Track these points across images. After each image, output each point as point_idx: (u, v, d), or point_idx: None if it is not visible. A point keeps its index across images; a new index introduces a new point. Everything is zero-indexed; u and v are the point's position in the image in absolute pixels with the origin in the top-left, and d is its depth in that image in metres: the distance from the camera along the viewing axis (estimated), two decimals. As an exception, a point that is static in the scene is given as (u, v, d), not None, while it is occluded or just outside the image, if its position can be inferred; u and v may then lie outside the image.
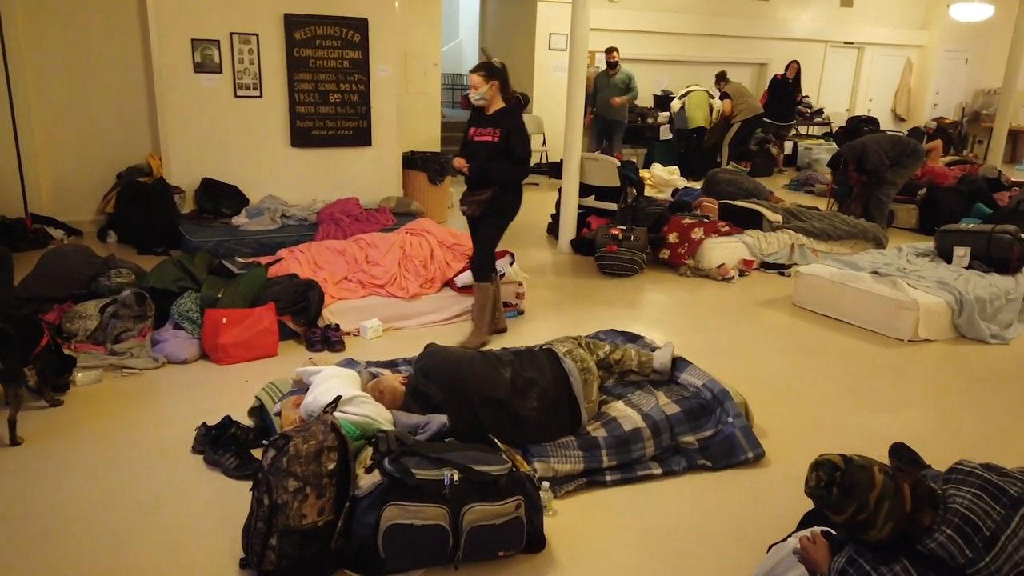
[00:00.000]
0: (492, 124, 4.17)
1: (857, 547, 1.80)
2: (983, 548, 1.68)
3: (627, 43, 11.42)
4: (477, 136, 4.24)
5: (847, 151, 7.45)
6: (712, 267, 6.07)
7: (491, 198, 4.21)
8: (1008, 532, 1.70)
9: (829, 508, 1.76)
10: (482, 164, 4.17)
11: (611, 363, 3.53)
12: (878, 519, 1.71)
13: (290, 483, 2.32)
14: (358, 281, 4.75)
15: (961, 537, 1.70)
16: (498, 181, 4.19)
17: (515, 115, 4.20)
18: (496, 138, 4.14)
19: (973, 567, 1.67)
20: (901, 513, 1.72)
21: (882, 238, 6.80)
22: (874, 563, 1.73)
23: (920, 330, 4.72)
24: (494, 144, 4.14)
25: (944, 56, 14.26)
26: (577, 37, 6.33)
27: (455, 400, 2.97)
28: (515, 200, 4.34)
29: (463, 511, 2.37)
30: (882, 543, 1.73)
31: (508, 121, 4.16)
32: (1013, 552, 1.68)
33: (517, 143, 4.14)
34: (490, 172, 4.18)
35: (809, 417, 3.73)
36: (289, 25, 6.28)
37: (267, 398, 3.26)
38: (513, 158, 4.15)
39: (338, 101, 6.59)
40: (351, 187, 6.76)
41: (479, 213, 4.27)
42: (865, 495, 1.71)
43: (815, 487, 1.78)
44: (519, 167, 4.20)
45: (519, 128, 4.16)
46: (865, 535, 1.74)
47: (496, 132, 4.14)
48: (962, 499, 1.76)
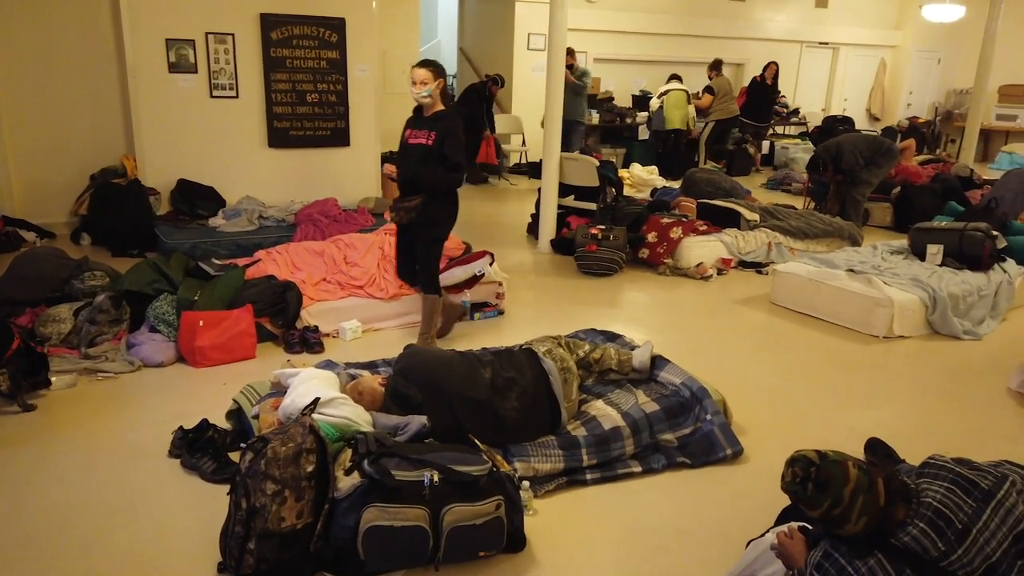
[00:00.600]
0: (428, 127, 3.94)
1: (832, 542, 1.82)
2: (955, 541, 1.71)
3: (604, 43, 11.48)
4: (412, 138, 4.00)
5: (823, 152, 7.53)
6: (691, 266, 6.11)
7: (421, 206, 3.97)
8: (979, 525, 1.73)
9: (804, 503, 1.78)
10: (413, 169, 3.96)
11: (591, 362, 3.54)
12: (852, 513, 1.73)
13: (268, 486, 2.30)
14: (337, 282, 4.73)
15: (934, 530, 1.72)
16: (428, 188, 3.96)
17: (453, 119, 3.95)
18: (431, 142, 3.90)
19: (946, 560, 1.70)
20: (875, 507, 1.74)
21: (857, 236, 6.88)
22: (849, 557, 1.75)
23: (895, 327, 4.79)
24: (427, 148, 3.91)
25: (917, 56, 14.47)
26: (555, 37, 6.34)
27: (435, 401, 2.97)
28: (448, 209, 4.09)
29: (443, 512, 2.37)
30: (857, 537, 1.75)
31: (445, 125, 3.91)
32: (984, 544, 1.71)
33: (451, 149, 3.88)
34: (421, 178, 3.94)
35: (787, 414, 3.77)
36: (265, 25, 6.23)
37: (245, 401, 3.23)
38: (447, 164, 3.91)
39: (316, 101, 6.56)
40: (329, 188, 6.72)
41: (408, 221, 4.04)
42: (839, 490, 1.73)
43: (790, 483, 1.80)
44: (452, 175, 3.95)
45: (454, 133, 3.90)
46: (840, 529, 1.76)
47: (431, 135, 3.91)
48: (935, 493, 1.78)
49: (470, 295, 4.94)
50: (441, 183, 3.98)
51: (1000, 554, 1.71)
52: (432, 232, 4.12)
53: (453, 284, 4.91)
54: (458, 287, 4.93)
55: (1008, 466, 1.99)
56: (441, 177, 3.95)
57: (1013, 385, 4.12)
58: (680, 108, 10.69)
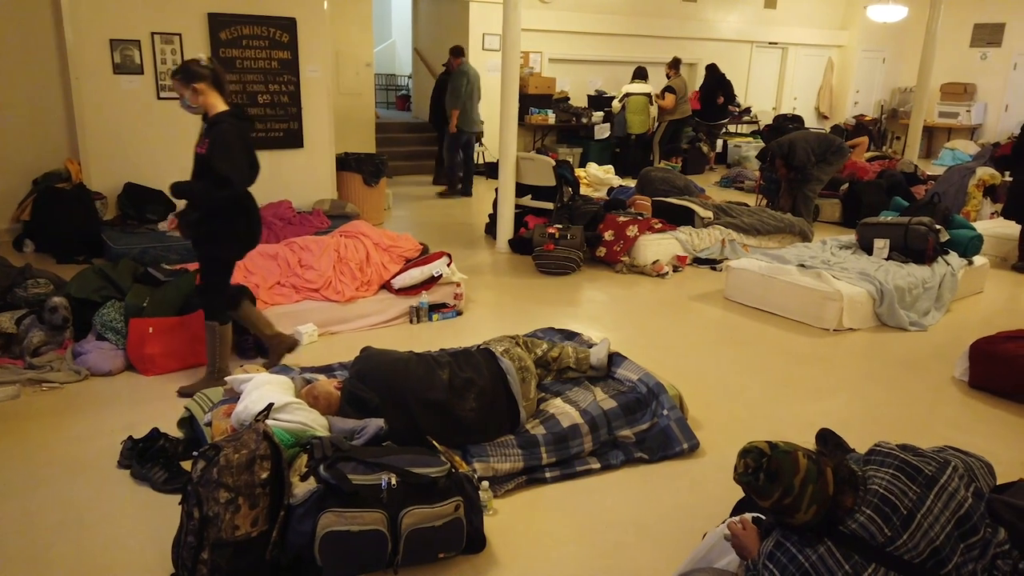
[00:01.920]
0: (205, 134, 3.50)
1: (784, 531, 1.85)
2: (901, 526, 1.75)
3: (559, 44, 11.55)
4: (198, 147, 3.54)
5: (776, 147, 7.68)
6: (647, 264, 6.17)
7: (196, 221, 3.56)
8: (923, 510, 1.78)
9: (756, 494, 1.81)
10: (182, 182, 3.55)
11: (549, 361, 3.55)
12: (803, 503, 1.76)
13: (221, 494, 2.26)
14: (292, 286, 4.66)
15: (880, 516, 1.76)
16: (197, 203, 3.56)
17: (222, 125, 3.43)
18: (204, 150, 3.45)
19: (892, 544, 1.74)
20: (824, 496, 1.78)
21: (808, 232, 7.03)
22: (800, 546, 1.79)
23: (844, 319, 4.91)
24: (201, 157, 3.47)
25: (863, 56, 14.86)
26: (509, 38, 6.35)
27: (392, 403, 2.94)
28: (225, 226, 3.56)
29: (401, 514, 2.35)
30: (807, 526, 1.79)
31: (214, 132, 3.43)
32: (928, 529, 1.76)
33: (218, 159, 3.38)
34: (191, 191, 3.52)
35: (741, 407, 3.83)
36: (214, 25, 6.11)
37: (197, 408, 3.16)
38: (213, 177, 3.40)
39: (267, 102, 6.46)
40: (283, 190, 6.62)
41: (187, 237, 3.66)
42: (790, 480, 1.77)
43: (743, 474, 1.83)
44: (219, 189, 3.41)
45: (222, 142, 3.40)
46: (791, 519, 1.79)
47: (205, 143, 3.46)
48: (880, 480, 1.83)
49: (428, 296, 4.92)
50: (204, 198, 3.50)
51: (943, 537, 1.76)
52: (210, 250, 3.63)
53: (411, 285, 4.89)
54: (415, 288, 4.91)
55: (951, 452, 2.05)
56: (204, 192, 3.45)
57: (957, 373, 4.25)
58: (641, 113, 10.80)
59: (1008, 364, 3.94)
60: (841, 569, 1.73)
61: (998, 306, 5.70)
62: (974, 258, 5.78)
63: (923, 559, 1.74)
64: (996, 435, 3.62)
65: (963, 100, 14.10)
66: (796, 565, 1.77)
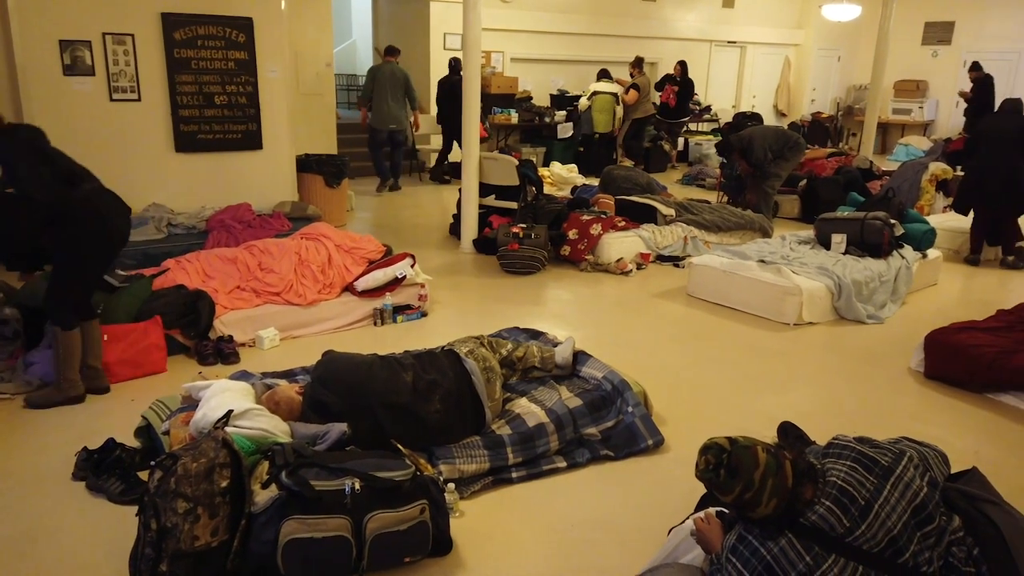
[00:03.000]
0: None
1: (746, 525, 1.87)
2: (859, 517, 1.78)
3: (521, 43, 11.56)
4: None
5: (735, 140, 7.78)
6: (611, 262, 6.20)
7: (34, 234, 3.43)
8: (881, 500, 1.81)
9: (718, 489, 1.83)
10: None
11: (514, 360, 3.55)
12: (763, 496, 1.78)
13: (179, 504, 2.21)
14: (252, 290, 4.58)
15: (839, 508, 1.79)
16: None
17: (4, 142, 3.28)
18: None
19: (851, 535, 1.77)
20: (784, 489, 1.80)
21: (768, 228, 7.14)
22: (761, 539, 1.81)
23: (804, 314, 4.99)
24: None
25: (819, 54, 15.14)
26: (470, 37, 6.33)
27: (355, 407, 2.91)
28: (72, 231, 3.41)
29: (366, 519, 2.33)
30: (768, 519, 1.81)
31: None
32: (886, 519, 1.79)
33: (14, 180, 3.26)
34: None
35: (705, 402, 3.87)
36: (167, 25, 5.98)
37: (154, 417, 3.09)
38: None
39: (225, 103, 6.34)
40: (243, 192, 6.51)
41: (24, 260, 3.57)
42: (750, 474, 1.79)
43: (704, 470, 1.85)
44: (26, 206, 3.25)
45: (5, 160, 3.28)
46: (752, 512, 1.81)
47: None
48: (838, 472, 1.86)
49: (392, 298, 4.88)
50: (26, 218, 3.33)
51: (901, 527, 1.80)
52: (59, 256, 3.48)
53: (374, 287, 4.84)
54: (379, 290, 4.86)
55: (906, 442, 2.09)
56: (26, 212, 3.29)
57: (913, 364, 4.35)
58: (606, 113, 10.87)
59: (961, 354, 4.04)
60: (802, 561, 1.75)
61: (951, 298, 5.85)
62: (928, 251, 5.93)
63: (881, 548, 1.77)
64: (951, 424, 3.71)
65: (916, 97, 14.46)
66: (758, 558, 1.79)
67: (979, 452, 3.40)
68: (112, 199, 3.62)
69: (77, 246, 3.47)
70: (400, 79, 9.08)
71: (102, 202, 3.55)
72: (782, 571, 1.76)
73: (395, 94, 9.05)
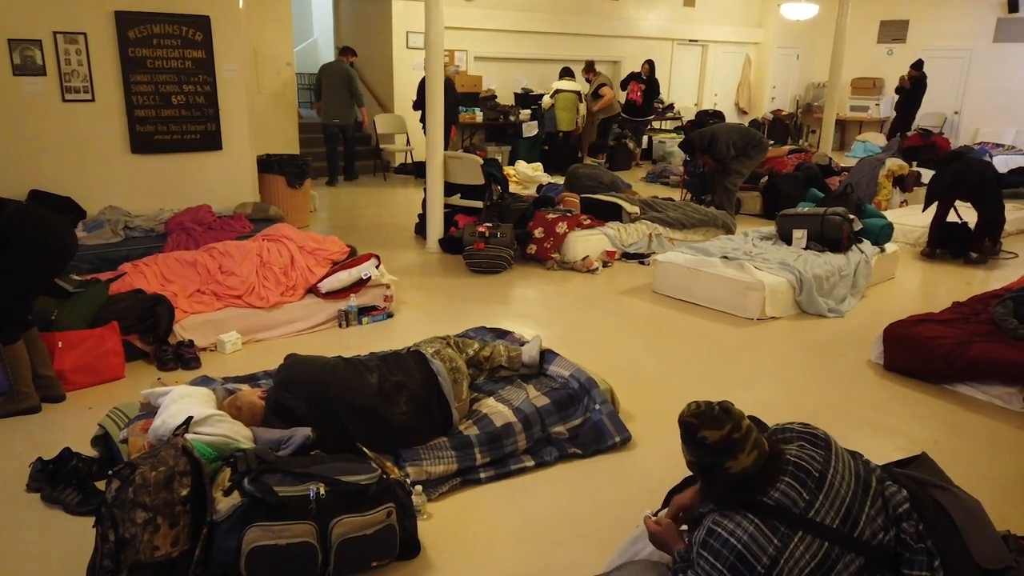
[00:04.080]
0: None
1: (713, 518, 1.88)
2: (815, 488, 1.84)
3: (485, 42, 11.53)
4: None
5: (697, 137, 7.86)
6: (577, 260, 6.22)
7: None
8: (831, 470, 1.88)
9: (709, 423, 1.82)
10: None
11: (480, 360, 3.53)
12: (747, 443, 1.82)
13: (138, 514, 2.15)
14: (213, 293, 4.50)
15: (798, 482, 1.84)
16: None
17: None
18: None
19: (812, 508, 1.82)
20: (763, 446, 1.85)
21: (730, 224, 7.22)
22: (730, 528, 1.83)
23: (767, 309, 5.06)
24: None
25: (778, 52, 15.37)
26: (432, 35, 6.29)
27: (320, 411, 2.86)
28: (13, 242, 3.28)
29: (332, 524, 2.29)
30: (743, 476, 1.82)
31: None
32: (839, 487, 1.86)
33: None
34: None
35: (671, 398, 3.89)
36: (121, 23, 5.84)
37: (112, 425, 3.01)
38: None
39: (182, 103, 6.21)
40: (202, 194, 6.39)
41: None
42: (739, 419, 1.84)
43: (695, 409, 1.86)
44: None
45: None
46: (733, 460, 1.81)
47: None
48: (791, 451, 1.92)
49: (357, 299, 4.83)
50: None
51: (851, 495, 1.86)
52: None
53: (339, 289, 4.79)
54: (344, 292, 4.81)
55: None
56: None
57: (872, 357, 4.43)
58: (569, 111, 10.90)
59: (919, 346, 4.12)
60: (771, 544, 1.78)
61: (909, 291, 5.98)
62: (886, 245, 6.05)
63: (840, 521, 1.82)
64: (910, 415, 3.79)
65: (872, 94, 14.75)
66: (729, 548, 1.81)
67: (938, 442, 3.48)
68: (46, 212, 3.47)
69: (17, 263, 3.32)
70: (343, 77, 9.40)
71: (35, 216, 3.43)
72: (754, 558, 1.78)
73: (338, 91, 9.40)
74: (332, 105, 9.44)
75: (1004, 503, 2.95)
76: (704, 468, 1.87)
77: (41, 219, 3.45)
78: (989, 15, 13.40)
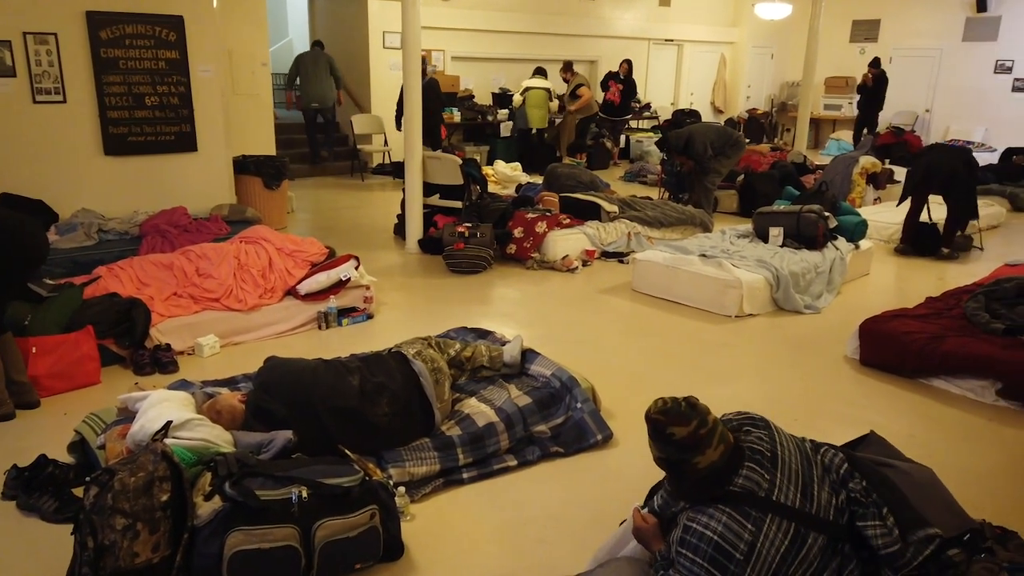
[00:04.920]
0: None
1: (687, 516, 1.91)
2: (772, 467, 1.90)
3: (462, 42, 11.52)
4: None
5: (674, 138, 7.91)
6: (557, 259, 6.23)
7: None
8: (779, 447, 1.96)
9: (675, 419, 1.87)
10: None
11: (462, 361, 3.53)
12: (714, 438, 1.86)
13: (117, 521, 2.13)
14: (190, 296, 4.45)
15: (757, 465, 1.90)
16: None
17: None
18: None
19: (775, 488, 1.87)
20: (728, 439, 1.90)
21: (708, 223, 7.28)
22: (704, 522, 1.86)
23: (744, 306, 5.11)
24: None
25: (753, 52, 15.52)
26: (409, 35, 6.27)
27: (301, 413, 2.85)
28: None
29: (315, 528, 2.28)
30: (711, 471, 1.86)
31: None
32: (790, 461, 1.93)
33: None
34: None
35: (652, 395, 3.85)
36: (93, 24, 5.75)
37: (88, 431, 2.97)
38: None
39: (156, 104, 6.13)
40: (177, 196, 6.31)
41: None
42: (704, 414, 1.89)
43: (662, 406, 1.91)
44: None
45: None
46: (700, 455, 1.85)
47: None
48: (741, 438, 1.98)
49: (336, 301, 4.81)
50: None
51: (802, 469, 1.93)
52: None
53: (318, 290, 4.76)
54: (323, 293, 4.78)
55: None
56: None
57: (849, 352, 4.49)
58: (540, 108, 10.90)
59: (894, 341, 4.19)
60: (746, 530, 1.82)
61: (883, 287, 6.07)
62: (860, 242, 6.13)
63: (800, 497, 1.88)
64: (886, 409, 3.85)
65: (845, 93, 14.94)
66: (706, 541, 1.84)
67: (914, 435, 3.54)
68: (17, 215, 3.41)
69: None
70: (325, 61, 9.94)
71: (5, 219, 3.36)
72: (731, 546, 1.81)
73: (321, 74, 9.91)
74: (314, 89, 9.86)
75: (979, 494, 3.00)
76: (672, 464, 1.91)
77: (11, 222, 3.39)
78: (958, 14, 13.63)
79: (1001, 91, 13.45)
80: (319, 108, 10.00)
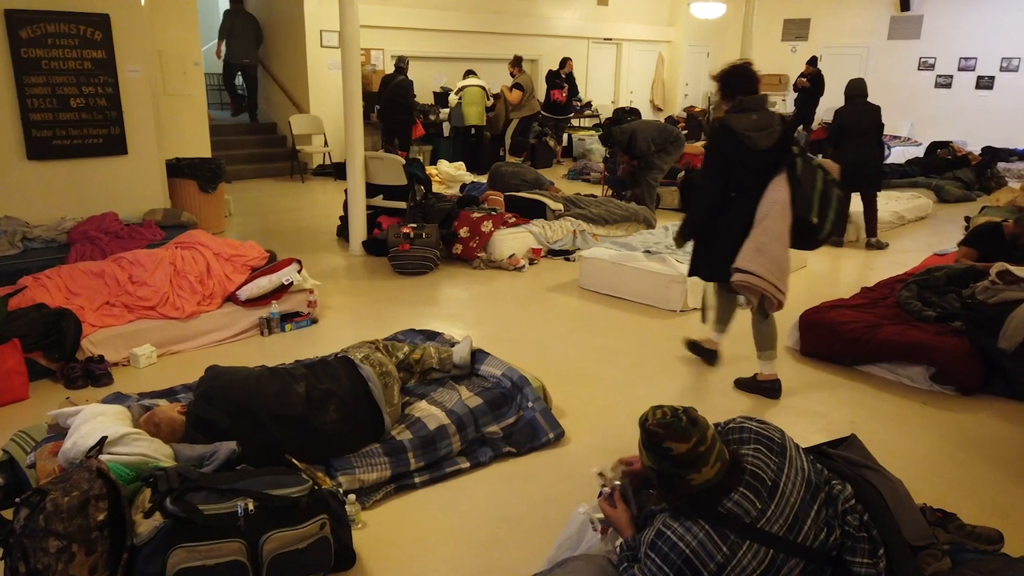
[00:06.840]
0: None
1: (664, 520, 1.86)
2: (768, 498, 1.82)
3: (402, 40, 11.40)
4: None
5: (619, 134, 7.99)
6: (503, 258, 6.22)
7: None
8: (784, 479, 1.86)
9: (675, 434, 1.77)
10: None
11: (411, 363, 3.48)
12: (712, 456, 1.78)
13: (51, 543, 2.02)
14: (123, 304, 4.28)
15: (752, 492, 1.82)
16: None
17: None
18: None
19: (763, 517, 1.80)
20: (725, 457, 1.81)
21: (651, 219, 7.37)
22: (680, 533, 1.81)
23: (688, 300, 5.18)
24: None
25: (689, 50, 15.80)
26: (347, 33, 6.17)
27: (245, 423, 2.76)
28: None
29: (262, 541, 2.21)
30: (704, 487, 1.79)
31: None
32: (789, 495, 1.84)
33: None
34: None
35: (601, 392, 3.94)
36: (12, 22, 5.47)
37: (17, 449, 2.82)
38: None
39: (82, 106, 5.88)
40: (107, 201, 6.06)
41: None
42: (704, 431, 1.80)
43: (661, 418, 1.80)
44: None
45: None
46: (696, 472, 1.78)
47: None
48: (747, 456, 1.88)
49: (279, 306, 4.69)
50: None
51: (800, 503, 1.85)
52: None
53: (259, 296, 4.64)
54: (264, 299, 4.66)
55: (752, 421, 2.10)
56: None
57: (789, 343, 4.60)
58: (477, 105, 10.87)
59: (833, 331, 4.31)
60: (720, 552, 1.76)
61: (820, 278, 6.24)
62: (798, 235, 6.27)
63: (787, 528, 1.81)
64: (828, 398, 3.95)
65: (779, 90, 15.35)
66: (677, 552, 1.79)
67: (855, 422, 3.64)
68: None
69: None
70: (252, 20, 10.67)
71: None
72: (701, 564, 1.76)
73: (248, 32, 10.60)
74: (242, 46, 10.54)
75: (917, 478, 3.10)
76: (665, 477, 1.82)
77: None
78: (883, 13, 14.16)
79: (925, 87, 14.03)
80: (244, 64, 10.63)
